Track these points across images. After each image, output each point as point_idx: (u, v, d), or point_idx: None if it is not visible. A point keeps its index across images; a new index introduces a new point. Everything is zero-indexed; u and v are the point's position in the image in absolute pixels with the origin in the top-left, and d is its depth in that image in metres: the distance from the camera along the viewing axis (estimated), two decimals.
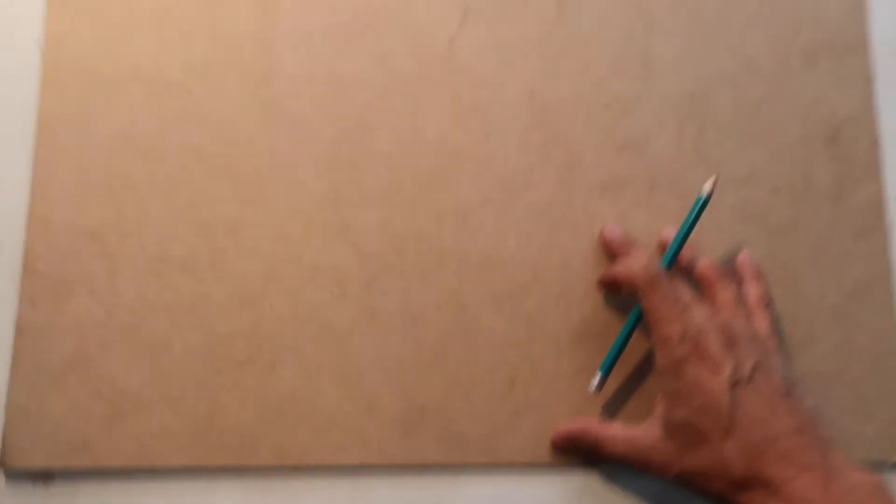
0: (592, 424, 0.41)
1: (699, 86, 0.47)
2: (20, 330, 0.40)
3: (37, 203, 0.41)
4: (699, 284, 0.43)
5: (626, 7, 0.48)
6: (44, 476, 0.39)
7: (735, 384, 0.37)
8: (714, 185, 0.42)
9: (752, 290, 0.43)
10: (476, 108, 0.46)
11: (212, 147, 0.43)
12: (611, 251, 0.44)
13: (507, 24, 0.47)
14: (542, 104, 0.46)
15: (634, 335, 0.42)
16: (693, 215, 0.42)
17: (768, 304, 0.43)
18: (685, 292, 0.40)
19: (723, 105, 0.47)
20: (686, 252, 0.43)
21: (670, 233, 0.44)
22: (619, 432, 0.40)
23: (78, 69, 0.43)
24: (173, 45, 0.44)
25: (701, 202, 0.42)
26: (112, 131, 0.43)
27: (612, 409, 0.43)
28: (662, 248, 0.44)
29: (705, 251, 0.45)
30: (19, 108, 0.42)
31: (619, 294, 0.44)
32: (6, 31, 0.43)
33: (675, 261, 0.43)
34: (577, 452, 0.42)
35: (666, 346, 0.39)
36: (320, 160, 0.44)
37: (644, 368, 0.44)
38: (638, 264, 0.41)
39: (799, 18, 0.49)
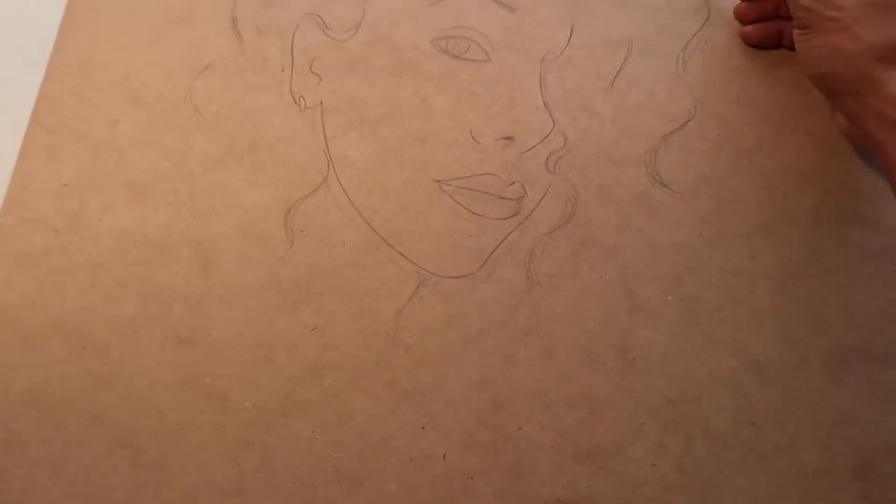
0: None
1: (688, 387, 0.39)
2: None
3: None
4: None
5: (612, 283, 0.41)
6: None
7: None
8: None
9: None
10: (415, 393, 0.40)
11: (117, 415, 0.39)
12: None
13: (465, 295, 0.41)
14: (495, 396, 0.39)
15: None
16: None
17: None
18: None
19: (717, 414, 0.39)
20: None
21: None
22: None
23: (2, 319, 0.41)
24: (102, 299, 0.41)
25: None
26: (21, 389, 0.40)
27: None
28: None
29: None
30: None
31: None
32: None
33: None
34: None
35: None
36: (230, 441, 0.39)
37: None
38: None
39: (823, 315, 0.40)
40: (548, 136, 0.44)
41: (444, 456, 0.39)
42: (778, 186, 0.43)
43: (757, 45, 0.46)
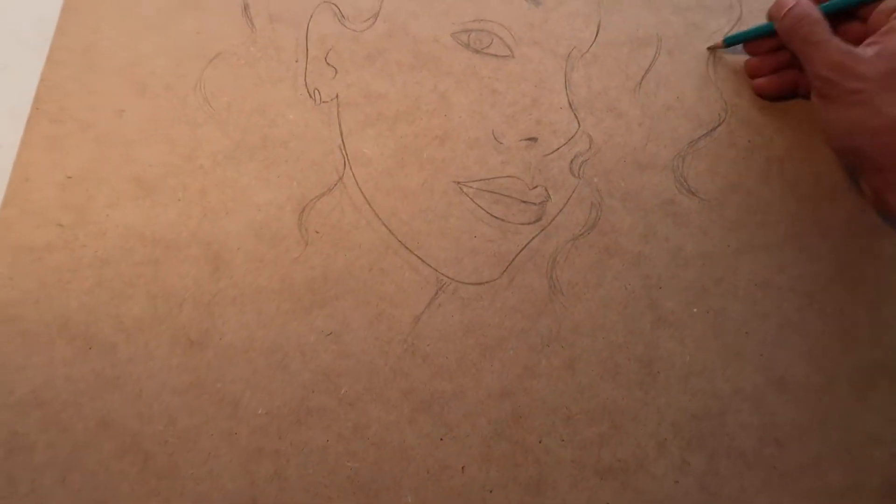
0: None
1: (712, 403, 0.38)
2: None
3: None
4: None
5: (635, 294, 0.40)
6: None
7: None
8: None
9: None
10: (433, 403, 0.39)
11: (125, 419, 0.38)
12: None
13: (486, 302, 0.40)
14: (515, 407, 0.38)
15: None
16: None
17: None
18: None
19: (741, 431, 0.38)
20: None
21: None
22: None
23: (4, 317, 0.39)
24: (109, 298, 0.40)
25: None
26: (25, 390, 0.39)
27: None
28: None
29: None
30: None
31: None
32: None
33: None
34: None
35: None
36: (242, 449, 0.38)
37: None
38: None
39: (851, 332, 0.39)
40: (572, 137, 0.43)
41: (463, 468, 0.38)
42: (809, 196, 0.42)
43: (773, 97, 0.44)
